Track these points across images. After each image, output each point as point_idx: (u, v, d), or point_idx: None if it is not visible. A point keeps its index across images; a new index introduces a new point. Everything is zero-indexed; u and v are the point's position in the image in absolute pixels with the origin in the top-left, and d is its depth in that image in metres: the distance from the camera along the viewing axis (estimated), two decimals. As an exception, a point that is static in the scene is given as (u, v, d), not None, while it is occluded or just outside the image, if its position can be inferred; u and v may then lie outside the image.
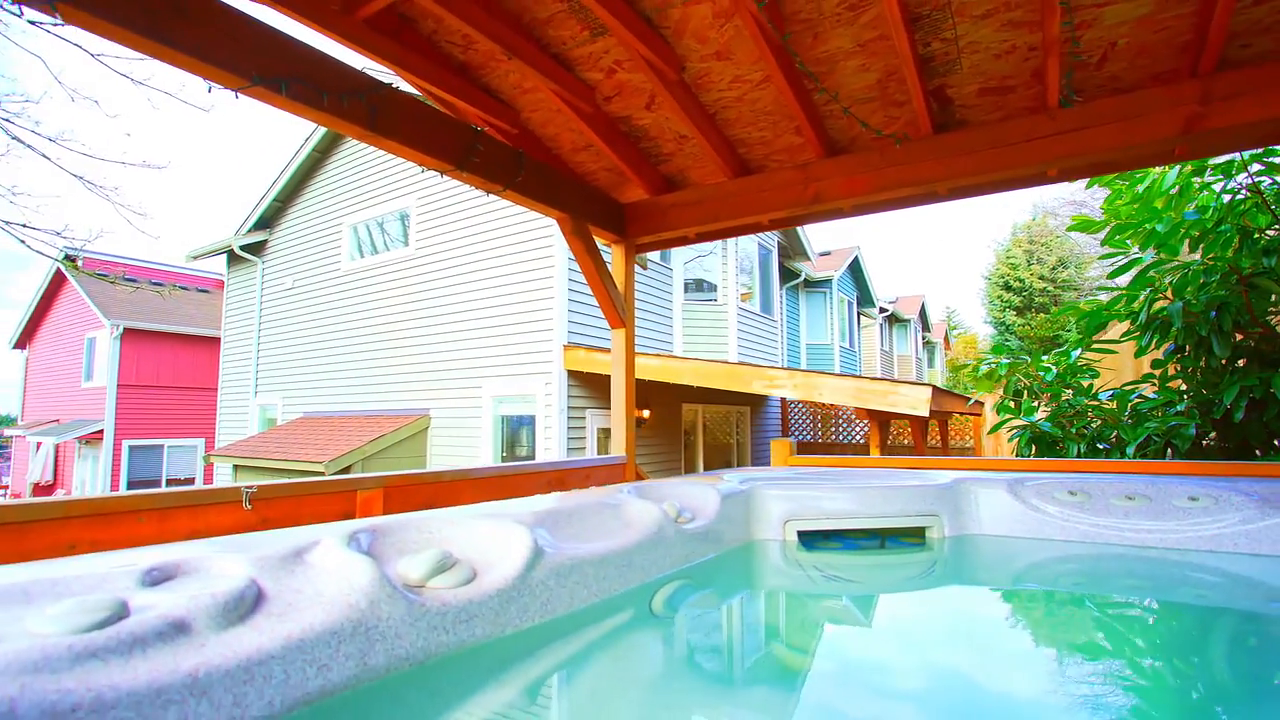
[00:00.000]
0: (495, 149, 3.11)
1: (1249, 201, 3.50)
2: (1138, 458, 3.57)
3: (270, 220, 13.36)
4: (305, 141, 12.05)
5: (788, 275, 15.91)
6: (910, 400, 6.85)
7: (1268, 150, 3.36)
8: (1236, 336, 3.57)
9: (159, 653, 0.88)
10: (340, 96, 2.35)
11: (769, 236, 13.59)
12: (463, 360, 9.68)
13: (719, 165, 3.54)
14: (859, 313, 20.80)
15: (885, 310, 24.55)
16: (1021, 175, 3.14)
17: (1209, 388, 3.60)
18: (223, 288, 15.52)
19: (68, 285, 19.09)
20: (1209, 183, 3.67)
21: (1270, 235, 3.51)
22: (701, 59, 2.92)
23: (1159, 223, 3.72)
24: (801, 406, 14.06)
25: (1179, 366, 3.81)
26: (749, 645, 1.62)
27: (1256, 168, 3.47)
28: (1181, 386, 3.84)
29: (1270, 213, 3.45)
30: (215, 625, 0.96)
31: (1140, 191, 3.84)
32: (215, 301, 19.52)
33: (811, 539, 2.40)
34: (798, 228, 14.24)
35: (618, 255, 4.09)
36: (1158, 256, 3.82)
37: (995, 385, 4.68)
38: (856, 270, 20.09)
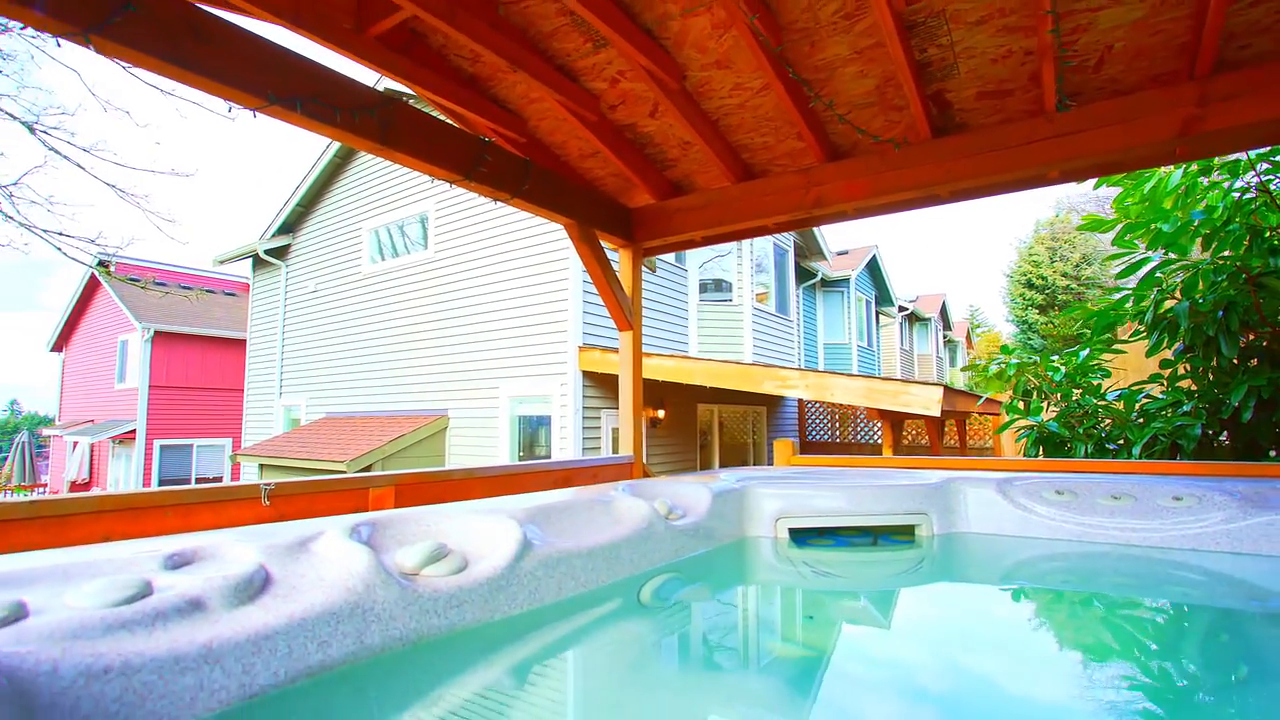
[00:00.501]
0: (502, 158, 3.21)
1: (1258, 200, 3.48)
2: (1143, 458, 3.57)
3: (293, 225, 13.68)
4: (326, 149, 12.34)
5: (804, 275, 15.87)
6: (922, 400, 6.84)
7: (1275, 149, 3.33)
8: (1249, 336, 3.54)
9: (178, 626, 1.00)
10: (352, 113, 2.47)
11: (785, 237, 13.58)
12: (480, 361, 9.85)
13: (723, 170, 3.61)
14: (878, 312, 20.64)
15: (905, 309, 24.31)
16: (1022, 177, 3.15)
17: (1218, 388, 3.58)
18: (248, 291, 15.91)
19: (101, 290, 19.71)
20: (1217, 181, 3.65)
21: (1280, 234, 3.48)
22: (702, 68, 2.99)
23: (1166, 222, 3.70)
24: (818, 406, 14.03)
25: (1188, 366, 3.80)
26: (735, 636, 1.69)
27: (1264, 167, 3.45)
28: (1190, 386, 3.82)
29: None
30: (227, 603, 1.08)
31: (1147, 191, 3.83)
32: (241, 304, 20.02)
33: (804, 536, 2.45)
34: (814, 228, 14.20)
35: (625, 259, 4.17)
36: (1166, 256, 3.80)
37: (1006, 385, 4.68)
38: (874, 269, 19.96)
